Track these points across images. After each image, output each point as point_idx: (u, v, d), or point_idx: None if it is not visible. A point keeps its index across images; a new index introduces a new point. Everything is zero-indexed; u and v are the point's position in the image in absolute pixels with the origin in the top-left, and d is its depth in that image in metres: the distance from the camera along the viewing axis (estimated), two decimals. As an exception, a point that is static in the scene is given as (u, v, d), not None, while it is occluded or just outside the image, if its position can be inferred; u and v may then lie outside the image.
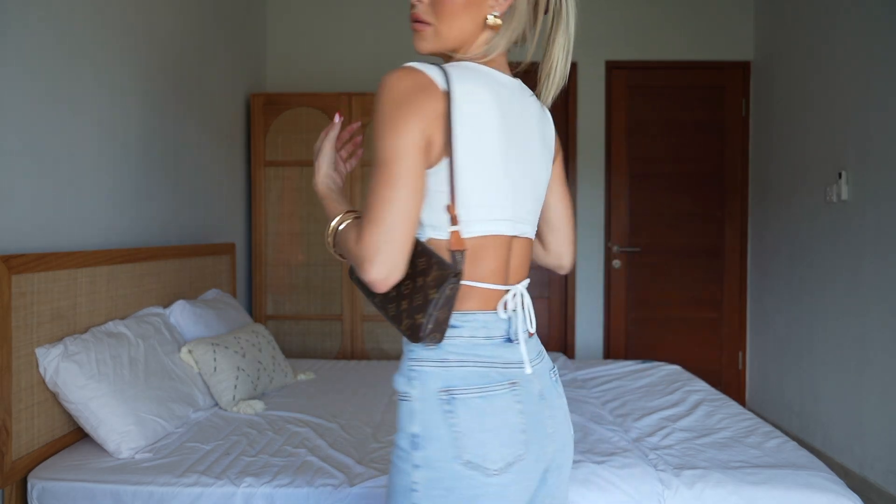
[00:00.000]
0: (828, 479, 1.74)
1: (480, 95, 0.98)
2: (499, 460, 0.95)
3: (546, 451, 1.02)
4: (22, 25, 1.91)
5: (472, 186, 0.97)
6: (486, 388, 0.96)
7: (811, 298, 3.36)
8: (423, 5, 1.02)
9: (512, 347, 1.01)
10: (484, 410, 0.95)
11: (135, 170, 2.56)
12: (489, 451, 0.94)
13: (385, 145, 0.92)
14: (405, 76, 0.95)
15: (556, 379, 1.10)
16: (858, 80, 2.97)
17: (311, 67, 4.12)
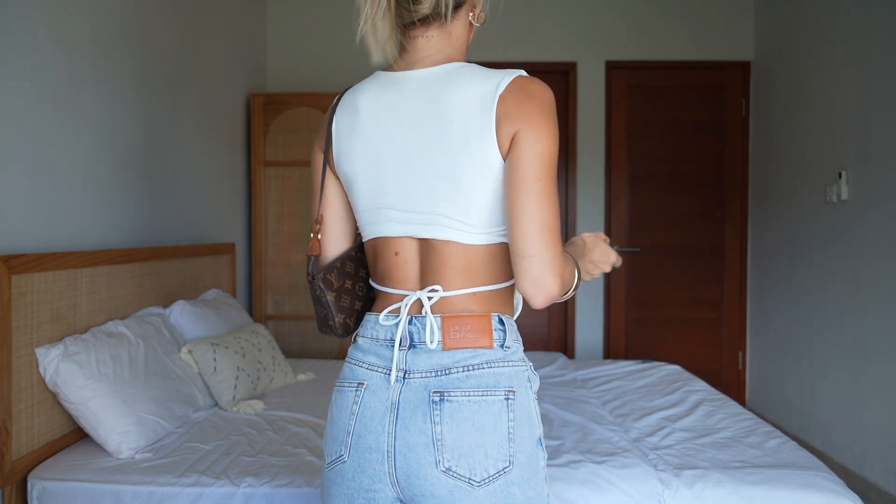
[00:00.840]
0: (828, 479, 1.74)
1: (355, 104, 1.06)
2: (327, 454, 1.03)
3: (379, 468, 0.96)
4: (22, 26, 1.91)
5: (355, 193, 1.06)
6: (341, 383, 1.04)
7: (811, 298, 3.36)
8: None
9: (390, 352, 1.00)
10: (333, 403, 1.04)
11: (135, 170, 2.56)
12: (326, 441, 1.04)
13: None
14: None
15: (438, 401, 0.95)
16: (858, 80, 2.97)
17: (311, 67, 4.12)
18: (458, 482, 0.93)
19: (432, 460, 0.93)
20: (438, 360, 0.96)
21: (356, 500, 0.98)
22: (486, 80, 0.97)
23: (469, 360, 0.96)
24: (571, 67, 4.12)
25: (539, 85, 0.98)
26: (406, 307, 0.99)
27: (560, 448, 1.91)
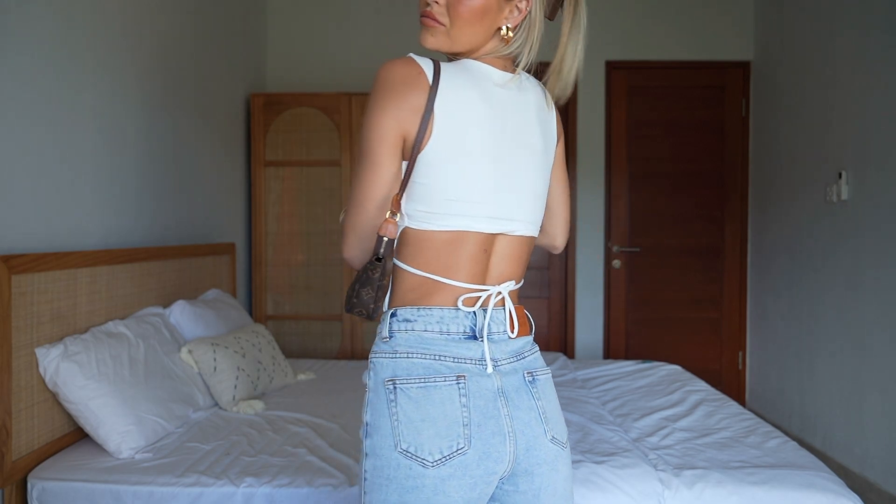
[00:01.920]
0: (828, 479, 1.74)
1: (466, 93, 1.00)
2: (435, 451, 0.96)
3: (502, 450, 0.99)
4: (22, 26, 1.91)
5: (445, 180, 0.99)
6: (427, 379, 0.99)
7: (811, 298, 3.36)
8: (440, 6, 1.01)
9: (474, 345, 1.01)
10: (422, 400, 0.98)
11: (135, 170, 2.56)
12: (424, 440, 0.96)
13: (363, 133, 0.99)
14: (398, 66, 0.98)
15: (531, 380, 1.06)
16: (858, 79, 2.97)
17: (311, 67, 4.12)
18: (558, 447, 1.06)
19: (542, 432, 1.04)
20: (510, 346, 1.06)
21: (478, 486, 0.98)
22: (538, 88, 1.13)
23: (528, 346, 1.10)
24: (571, 67, 4.11)
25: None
26: (492, 300, 1.04)
27: (560, 448, 1.91)
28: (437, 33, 1.02)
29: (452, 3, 1.00)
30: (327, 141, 3.70)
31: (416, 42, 4.24)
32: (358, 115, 3.68)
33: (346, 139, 3.70)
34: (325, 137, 3.70)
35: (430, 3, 1.01)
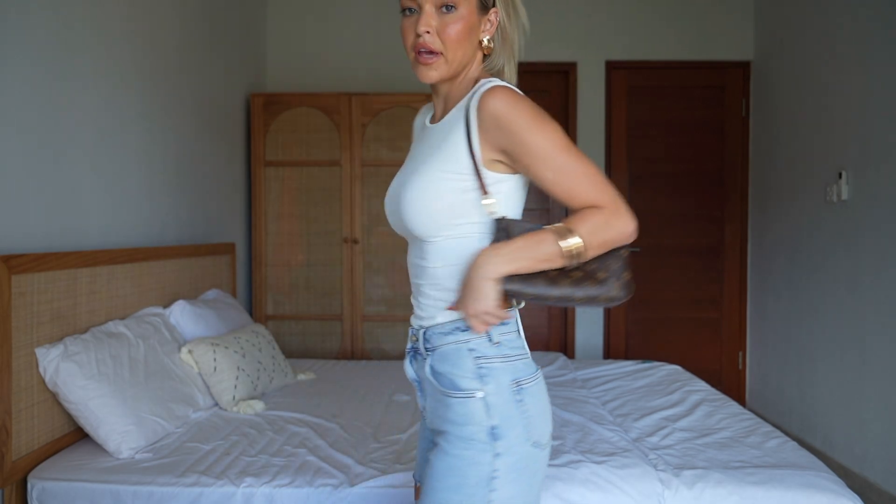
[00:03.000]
0: (828, 479, 1.74)
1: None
2: (548, 435, 1.11)
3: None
4: (22, 26, 1.91)
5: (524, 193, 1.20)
6: (536, 376, 1.11)
7: (811, 298, 3.36)
8: (431, 35, 1.06)
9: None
10: (539, 395, 1.11)
11: (135, 170, 2.56)
12: (545, 428, 1.10)
13: (555, 135, 1.04)
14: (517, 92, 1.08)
15: None
16: (858, 79, 2.97)
17: (311, 67, 4.12)
18: None
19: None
20: None
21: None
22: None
23: None
24: (571, 67, 4.12)
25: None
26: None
27: (560, 448, 1.91)
28: (438, 65, 1.08)
29: (440, 28, 1.06)
30: (327, 141, 3.70)
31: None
32: (358, 115, 3.68)
33: (346, 139, 3.69)
34: (325, 137, 3.70)
35: (420, 33, 1.06)
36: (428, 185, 1.07)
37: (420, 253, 1.13)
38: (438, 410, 1.11)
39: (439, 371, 1.11)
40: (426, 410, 1.19)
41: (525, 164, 1.05)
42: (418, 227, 1.09)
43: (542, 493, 1.68)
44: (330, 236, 3.73)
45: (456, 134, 1.08)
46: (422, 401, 1.20)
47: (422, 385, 1.19)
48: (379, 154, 3.68)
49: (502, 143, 1.04)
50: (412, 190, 1.08)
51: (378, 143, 3.69)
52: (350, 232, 3.72)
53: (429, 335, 1.13)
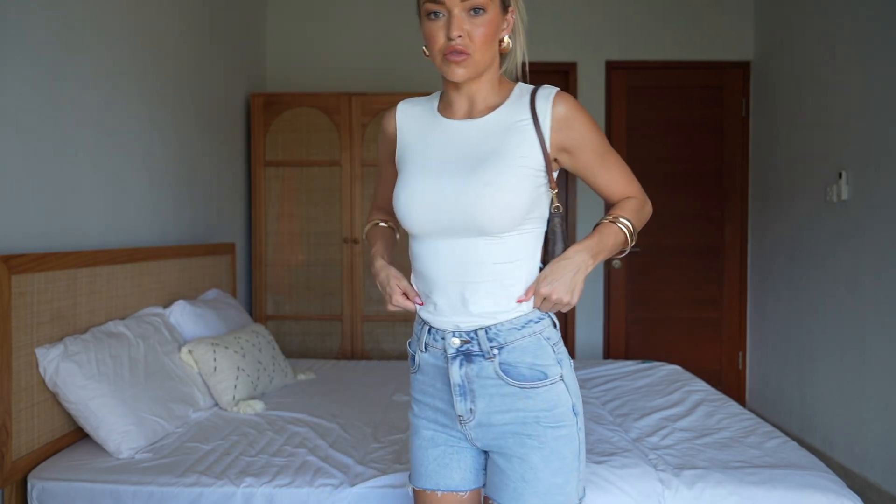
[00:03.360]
0: (828, 479, 1.74)
1: None
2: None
3: None
4: (22, 26, 1.91)
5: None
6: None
7: (811, 298, 3.36)
8: (464, 38, 1.10)
9: None
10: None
11: (135, 170, 2.56)
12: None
13: (604, 137, 1.19)
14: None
15: None
16: (858, 79, 2.97)
17: (311, 67, 4.12)
18: None
19: None
20: None
21: None
22: None
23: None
24: (571, 67, 4.12)
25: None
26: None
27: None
28: (468, 63, 1.12)
29: (470, 31, 1.10)
30: (327, 141, 3.70)
31: (414, 42, 4.24)
32: (358, 115, 3.69)
33: (346, 139, 3.70)
34: (325, 137, 3.70)
35: (453, 37, 1.09)
36: (510, 179, 1.10)
37: (477, 251, 1.12)
38: (512, 405, 1.13)
39: (513, 365, 1.13)
40: (474, 413, 1.15)
41: (584, 159, 1.17)
42: (495, 223, 1.10)
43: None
44: (330, 236, 3.73)
45: (524, 132, 1.13)
46: (464, 405, 1.15)
47: (467, 388, 1.15)
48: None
49: (567, 142, 1.15)
50: (493, 186, 1.09)
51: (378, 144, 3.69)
52: (350, 232, 3.72)
53: (494, 333, 1.13)
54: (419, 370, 1.22)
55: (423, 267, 1.18)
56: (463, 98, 1.19)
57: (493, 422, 1.14)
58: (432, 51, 1.13)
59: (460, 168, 1.12)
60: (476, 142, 1.15)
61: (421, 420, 1.22)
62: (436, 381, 1.19)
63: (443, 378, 1.17)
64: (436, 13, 1.11)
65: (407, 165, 1.19)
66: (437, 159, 1.16)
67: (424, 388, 1.21)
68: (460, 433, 1.18)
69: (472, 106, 1.19)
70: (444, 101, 1.23)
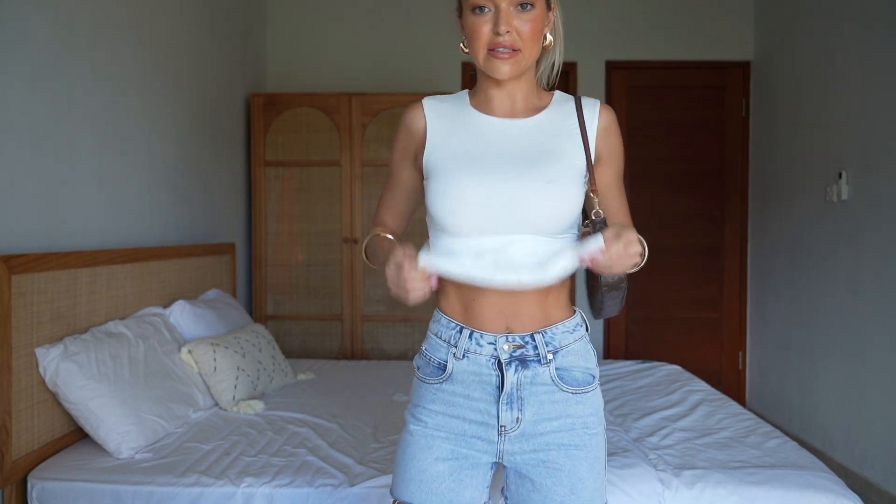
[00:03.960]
0: (828, 479, 1.74)
1: None
2: None
3: None
4: (22, 26, 1.91)
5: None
6: None
7: (811, 298, 3.36)
8: (512, 34, 1.07)
9: None
10: None
11: (135, 170, 2.56)
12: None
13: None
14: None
15: None
16: (858, 79, 2.97)
17: (311, 67, 4.12)
18: None
19: None
20: None
21: None
22: None
23: None
24: (571, 67, 4.12)
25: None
26: None
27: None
28: (516, 60, 1.09)
29: (518, 26, 1.07)
30: (327, 141, 3.70)
31: (413, 42, 4.23)
32: (358, 116, 3.69)
33: (346, 139, 3.69)
34: (325, 137, 3.70)
35: (501, 33, 1.06)
36: (569, 180, 1.10)
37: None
38: (563, 411, 1.11)
39: (568, 370, 1.12)
40: (520, 422, 1.10)
41: (609, 174, 1.18)
42: (553, 221, 1.08)
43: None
44: (330, 236, 3.73)
45: (573, 136, 1.14)
46: (511, 414, 1.10)
47: (515, 396, 1.10)
48: (379, 154, 3.68)
49: (605, 151, 1.17)
50: (555, 185, 1.07)
51: (378, 143, 3.69)
52: (350, 232, 3.72)
53: (551, 336, 1.11)
54: (450, 380, 1.11)
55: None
56: (504, 96, 1.15)
57: (539, 430, 1.10)
58: (474, 46, 1.09)
59: (516, 166, 1.08)
60: (528, 141, 1.12)
61: (438, 433, 1.12)
62: (472, 390, 1.10)
63: (482, 386, 1.10)
64: (482, 7, 1.07)
65: (448, 163, 1.11)
66: (486, 156, 1.10)
67: (453, 400, 1.11)
68: (490, 446, 1.11)
69: (514, 105, 1.16)
70: (481, 98, 1.17)
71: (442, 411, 1.12)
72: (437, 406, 1.13)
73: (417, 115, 1.18)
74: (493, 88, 1.15)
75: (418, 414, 1.14)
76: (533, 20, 1.08)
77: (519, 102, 1.15)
